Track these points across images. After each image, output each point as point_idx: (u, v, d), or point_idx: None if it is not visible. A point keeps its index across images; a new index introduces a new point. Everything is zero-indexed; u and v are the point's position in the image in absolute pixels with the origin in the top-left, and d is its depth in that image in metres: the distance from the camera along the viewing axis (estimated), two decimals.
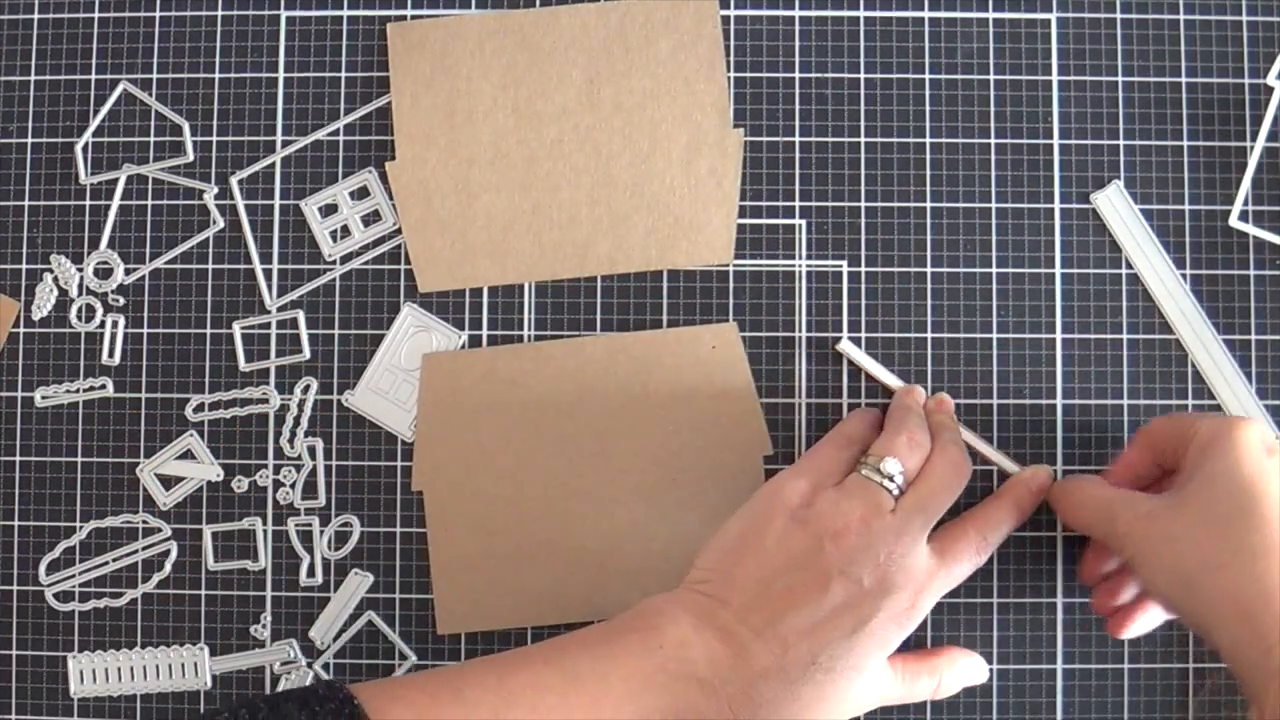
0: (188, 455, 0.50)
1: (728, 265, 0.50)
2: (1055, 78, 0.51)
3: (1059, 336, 0.50)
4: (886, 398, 0.49)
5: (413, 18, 0.51)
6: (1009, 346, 0.50)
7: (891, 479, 0.44)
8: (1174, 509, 0.41)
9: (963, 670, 0.48)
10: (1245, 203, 0.50)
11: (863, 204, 0.50)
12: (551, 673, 0.40)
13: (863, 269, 0.50)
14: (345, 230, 0.51)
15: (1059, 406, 0.50)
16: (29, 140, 0.51)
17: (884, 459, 0.44)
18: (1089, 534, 0.46)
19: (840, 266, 0.50)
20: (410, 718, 0.38)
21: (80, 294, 0.51)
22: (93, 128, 0.51)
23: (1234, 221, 0.50)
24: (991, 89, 0.51)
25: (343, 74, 0.51)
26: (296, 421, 0.50)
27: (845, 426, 0.48)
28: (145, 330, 0.51)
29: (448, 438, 0.50)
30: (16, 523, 0.50)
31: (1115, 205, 0.50)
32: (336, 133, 0.51)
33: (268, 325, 0.51)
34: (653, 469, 0.49)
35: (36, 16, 0.52)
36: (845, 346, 0.49)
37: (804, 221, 0.51)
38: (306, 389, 0.50)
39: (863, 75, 0.51)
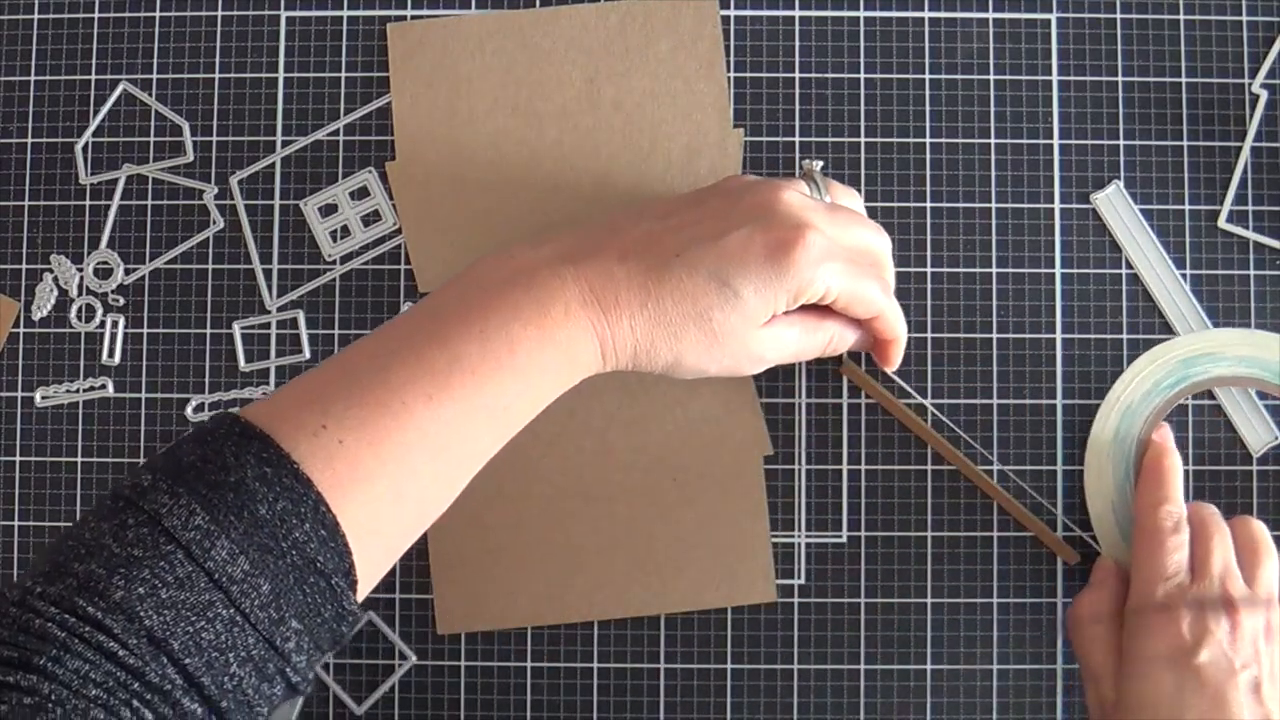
0: None
1: None
2: (1055, 78, 0.51)
3: (1059, 336, 0.50)
4: (886, 415, 0.49)
5: (413, 18, 0.51)
6: (1009, 346, 0.50)
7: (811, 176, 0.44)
8: None
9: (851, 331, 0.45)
10: (1234, 204, 0.50)
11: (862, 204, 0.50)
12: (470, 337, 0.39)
13: None
14: (345, 230, 0.51)
15: (1059, 406, 0.50)
16: (29, 140, 0.51)
17: None
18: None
19: None
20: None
21: (80, 294, 0.51)
22: (93, 128, 0.51)
23: (1222, 223, 0.50)
24: (991, 89, 0.51)
25: (343, 74, 0.51)
26: None
27: None
28: (145, 330, 0.51)
29: None
30: (16, 523, 0.50)
31: (1115, 205, 0.50)
32: (336, 133, 0.51)
33: (268, 325, 0.51)
34: (653, 469, 0.49)
35: (36, 16, 0.52)
36: None
37: None
38: None
39: (863, 75, 0.51)
